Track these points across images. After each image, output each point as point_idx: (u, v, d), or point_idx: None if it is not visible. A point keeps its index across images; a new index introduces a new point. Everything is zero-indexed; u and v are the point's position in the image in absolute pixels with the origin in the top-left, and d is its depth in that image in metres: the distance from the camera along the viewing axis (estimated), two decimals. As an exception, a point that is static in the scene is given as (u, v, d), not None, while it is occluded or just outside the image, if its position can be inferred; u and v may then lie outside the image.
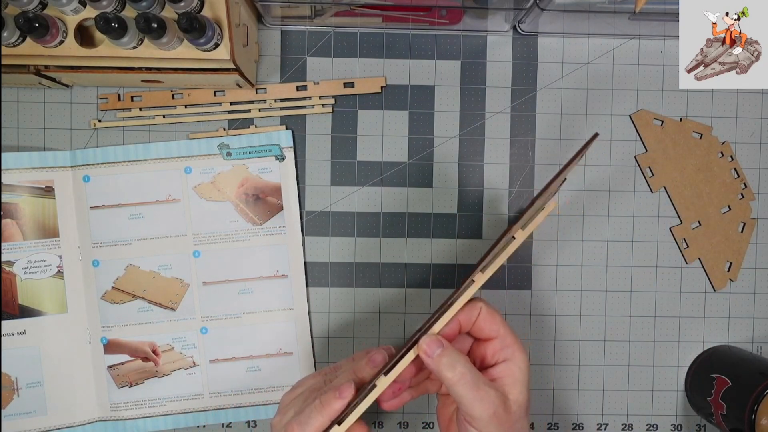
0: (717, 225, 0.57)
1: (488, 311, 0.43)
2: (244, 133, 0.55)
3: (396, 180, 0.57)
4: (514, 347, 0.43)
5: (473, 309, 0.43)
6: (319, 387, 0.45)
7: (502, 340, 0.43)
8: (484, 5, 0.53)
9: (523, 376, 0.42)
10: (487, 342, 0.44)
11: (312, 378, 0.47)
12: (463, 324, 0.43)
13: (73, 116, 0.55)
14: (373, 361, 0.44)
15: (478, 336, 0.44)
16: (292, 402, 0.45)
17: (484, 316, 0.43)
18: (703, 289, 0.58)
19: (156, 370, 0.56)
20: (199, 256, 0.55)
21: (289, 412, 0.44)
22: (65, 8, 0.45)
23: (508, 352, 0.43)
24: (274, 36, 0.56)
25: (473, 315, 0.43)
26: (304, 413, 0.42)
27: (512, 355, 0.43)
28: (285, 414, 0.44)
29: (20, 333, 0.54)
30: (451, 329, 0.43)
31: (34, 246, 0.54)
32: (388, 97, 0.56)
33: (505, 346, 0.43)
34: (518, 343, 0.43)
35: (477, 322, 0.43)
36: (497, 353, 0.43)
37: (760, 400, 0.48)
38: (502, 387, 0.42)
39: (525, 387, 0.42)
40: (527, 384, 0.43)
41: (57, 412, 0.55)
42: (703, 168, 0.57)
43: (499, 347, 0.43)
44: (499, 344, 0.43)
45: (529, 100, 0.57)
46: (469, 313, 0.43)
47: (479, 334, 0.44)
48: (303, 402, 0.44)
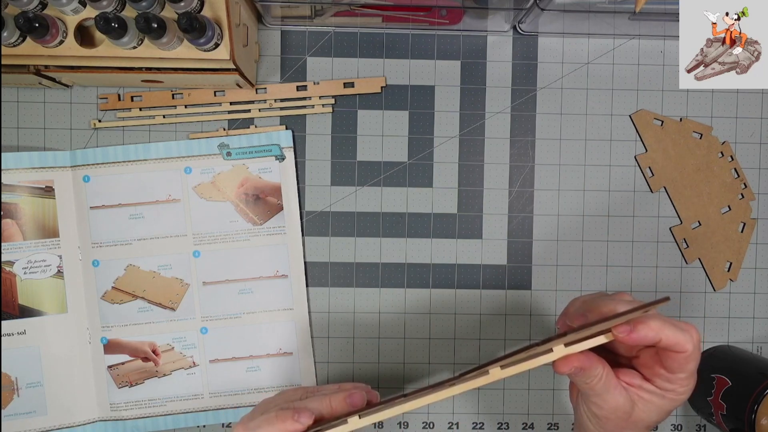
0: (717, 225, 0.57)
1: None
2: (244, 133, 0.56)
3: (396, 180, 0.57)
4: (686, 386, 0.39)
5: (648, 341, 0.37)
6: (292, 401, 0.43)
7: (678, 376, 0.38)
8: (484, 5, 0.53)
9: (665, 406, 0.39)
10: (673, 354, 0.38)
11: (293, 392, 0.45)
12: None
13: (73, 116, 0.55)
14: (352, 400, 0.42)
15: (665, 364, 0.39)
16: (261, 405, 0.44)
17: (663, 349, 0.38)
18: (703, 289, 0.58)
19: (156, 370, 0.56)
20: (199, 256, 0.55)
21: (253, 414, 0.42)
22: (65, 8, 0.45)
23: (675, 387, 0.39)
24: (274, 36, 0.56)
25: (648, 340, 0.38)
26: (256, 420, 0.40)
27: (680, 392, 0.39)
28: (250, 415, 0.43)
29: (20, 333, 0.54)
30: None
31: (34, 246, 0.54)
32: (388, 97, 0.56)
33: (673, 380, 0.38)
34: (692, 382, 0.39)
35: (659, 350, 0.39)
36: (662, 380, 0.39)
37: (760, 400, 0.48)
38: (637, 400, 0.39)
39: (660, 412, 0.39)
40: (665, 412, 0.40)
41: (57, 412, 0.55)
42: (703, 168, 0.57)
43: (663, 375, 0.39)
44: (665, 375, 0.39)
45: (529, 100, 0.57)
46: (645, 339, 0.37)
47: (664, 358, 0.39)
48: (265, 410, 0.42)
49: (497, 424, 0.58)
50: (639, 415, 0.40)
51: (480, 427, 0.58)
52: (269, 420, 0.40)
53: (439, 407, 0.57)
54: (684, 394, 0.39)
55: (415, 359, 0.57)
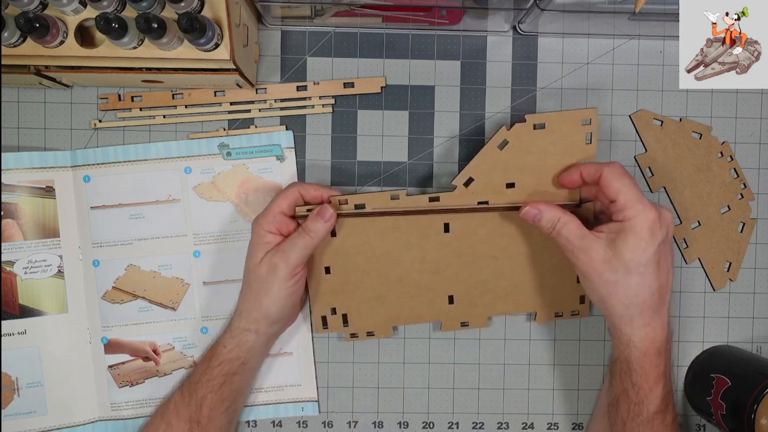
0: (716, 225, 0.57)
1: (610, 176, 0.45)
2: (245, 133, 0.56)
3: (396, 180, 0.57)
4: (634, 210, 0.44)
5: (599, 169, 0.46)
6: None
7: (622, 204, 0.44)
8: (484, 5, 0.53)
9: (635, 233, 0.44)
10: (612, 204, 0.46)
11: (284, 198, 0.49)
12: (585, 177, 0.47)
13: (73, 116, 0.55)
14: (322, 216, 0.48)
15: (606, 195, 0.46)
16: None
17: (605, 176, 0.45)
18: (703, 289, 0.58)
19: (157, 369, 0.56)
20: (199, 256, 0.55)
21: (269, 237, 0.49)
22: (66, 8, 0.45)
23: (626, 213, 0.44)
24: (274, 36, 0.56)
25: (597, 174, 0.46)
26: (286, 242, 0.48)
27: (630, 216, 0.44)
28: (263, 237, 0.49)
29: (20, 333, 0.54)
30: (570, 179, 0.48)
31: (34, 246, 0.54)
32: (388, 97, 0.56)
33: (623, 208, 0.44)
34: (639, 206, 0.44)
35: (600, 181, 0.46)
36: (617, 214, 0.45)
37: (759, 400, 0.48)
38: (613, 241, 0.44)
39: (640, 242, 0.44)
40: (645, 240, 0.44)
41: (57, 412, 0.55)
42: (703, 168, 0.57)
43: (615, 209, 0.45)
44: (617, 207, 0.45)
45: (529, 100, 0.57)
46: (595, 171, 0.46)
47: (605, 193, 0.46)
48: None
49: (497, 424, 0.58)
50: (624, 257, 0.44)
51: (480, 427, 0.58)
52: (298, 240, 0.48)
53: (440, 407, 0.57)
54: (640, 223, 0.44)
55: (415, 359, 0.57)
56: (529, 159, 0.49)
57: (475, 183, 0.50)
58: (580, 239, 0.45)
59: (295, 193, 0.49)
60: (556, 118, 0.49)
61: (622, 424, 0.47)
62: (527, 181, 0.50)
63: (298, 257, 0.47)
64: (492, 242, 0.53)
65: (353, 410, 0.57)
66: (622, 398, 0.47)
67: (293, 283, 0.48)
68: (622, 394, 0.47)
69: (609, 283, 0.45)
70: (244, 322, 0.50)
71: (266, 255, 0.48)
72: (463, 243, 0.52)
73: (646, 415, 0.46)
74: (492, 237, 0.52)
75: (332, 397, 0.57)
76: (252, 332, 0.50)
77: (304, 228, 0.48)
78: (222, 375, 0.49)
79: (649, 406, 0.46)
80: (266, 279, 0.48)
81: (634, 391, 0.46)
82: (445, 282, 0.54)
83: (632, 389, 0.46)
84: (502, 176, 0.50)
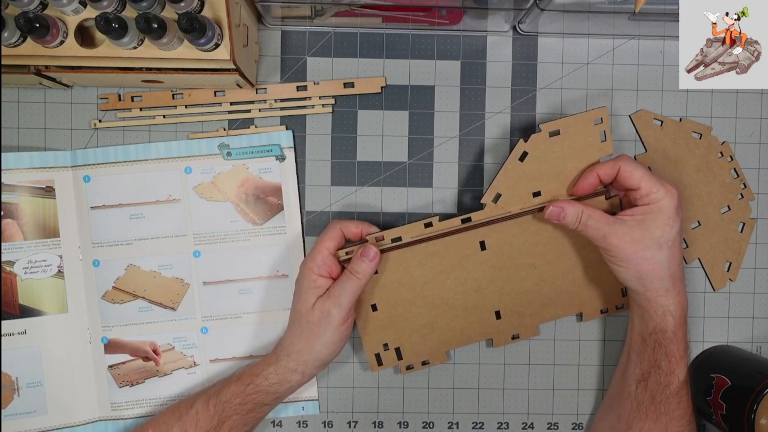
0: (716, 225, 0.57)
1: (628, 167, 0.48)
2: (245, 133, 0.56)
3: (396, 180, 0.57)
4: (659, 193, 0.47)
5: (614, 165, 0.48)
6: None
7: (647, 189, 0.47)
8: (484, 5, 0.53)
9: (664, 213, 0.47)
10: (635, 191, 0.48)
11: (328, 240, 0.50)
12: (603, 177, 0.50)
13: (73, 116, 0.55)
14: (366, 256, 0.49)
15: (626, 186, 0.49)
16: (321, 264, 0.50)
17: (624, 169, 0.48)
18: (703, 289, 0.58)
19: (157, 369, 0.56)
20: (199, 256, 0.55)
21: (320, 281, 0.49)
22: (66, 8, 0.45)
23: (652, 197, 0.47)
24: (274, 36, 0.56)
25: (614, 171, 0.49)
26: (336, 287, 0.49)
27: (657, 198, 0.47)
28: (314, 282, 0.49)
29: (20, 333, 0.54)
30: (588, 183, 0.50)
31: (34, 246, 0.54)
32: (388, 97, 0.56)
33: (648, 193, 0.47)
34: (663, 189, 0.47)
35: (620, 174, 0.48)
36: (642, 199, 0.48)
37: (759, 400, 0.48)
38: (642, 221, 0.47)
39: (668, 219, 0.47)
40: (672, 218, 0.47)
41: (57, 412, 0.55)
42: (703, 168, 0.57)
43: (640, 195, 0.48)
44: (641, 193, 0.48)
45: (529, 100, 0.57)
46: (611, 168, 0.49)
47: (625, 184, 0.49)
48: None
49: (497, 424, 0.58)
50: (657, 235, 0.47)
51: (480, 427, 0.58)
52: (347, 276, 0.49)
53: (440, 407, 0.57)
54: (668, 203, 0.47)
55: (415, 359, 0.57)
56: (549, 166, 0.51)
57: (503, 198, 0.51)
58: (609, 225, 0.48)
59: (338, 231, 0.50)
60: (569, 122, 0.50)
61: (650, 399, 0.49)
62: (551, 186, 0.51)
63: (349, 301, 0.48)
64: (528, 251, 0.53)
65: (353, 410, 0.57)
66: (653, 372, 0.49)
67: (345, 327, 0.49)
68: (654, 368, 0.49)
69: (644, 260, 0.47)
70: (293, 363, 0.50)
71: (318, 300, 0.49)
72: (500, 257, 0.53)
73: (676, 385, 0.49)
74: (527, 246, 0.53)
75: (332, 396, 0.57)
76: (298, 373, 0.50)
77: (351, 270, 0.49)
78: (254, 403, 0.50)
79: (679, 375, 0.49)
80: (319, 324, 0.49)
81: (667, 361, 0.49)
82: (489, 298, 0.54)
83: (665, 360, 0.49)
84: (526, 187, 0.51)
